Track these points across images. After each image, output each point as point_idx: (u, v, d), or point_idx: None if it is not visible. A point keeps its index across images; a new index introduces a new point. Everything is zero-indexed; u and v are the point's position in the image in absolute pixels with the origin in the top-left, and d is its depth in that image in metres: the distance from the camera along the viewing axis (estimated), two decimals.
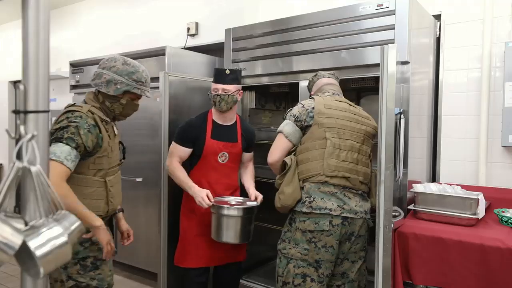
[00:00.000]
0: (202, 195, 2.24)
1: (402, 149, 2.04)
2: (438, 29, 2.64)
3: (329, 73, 2.27)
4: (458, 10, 2.57)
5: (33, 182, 0.80)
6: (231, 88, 2.39)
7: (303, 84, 2.63)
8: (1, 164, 6.17)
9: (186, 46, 3.89)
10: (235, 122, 2.53)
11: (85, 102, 1.80)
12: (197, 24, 3.86)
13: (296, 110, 2.06)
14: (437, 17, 2.64)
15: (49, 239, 0.78)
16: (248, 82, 2.95)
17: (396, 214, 1.93)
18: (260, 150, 3.35)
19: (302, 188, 1.97)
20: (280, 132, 2.08)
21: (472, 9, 2.53)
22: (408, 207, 2.17)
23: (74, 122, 1.64)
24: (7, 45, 6.03)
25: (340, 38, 2.46)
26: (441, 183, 2.30)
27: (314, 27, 2.55)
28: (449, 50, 2.61)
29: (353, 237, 1.96)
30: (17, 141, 0.82)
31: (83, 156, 1.68)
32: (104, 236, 1.69)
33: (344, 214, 1.91)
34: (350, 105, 2.11)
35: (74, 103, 1.78)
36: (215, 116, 2.47)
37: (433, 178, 2.67)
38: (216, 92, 2.39)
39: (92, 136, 1.67)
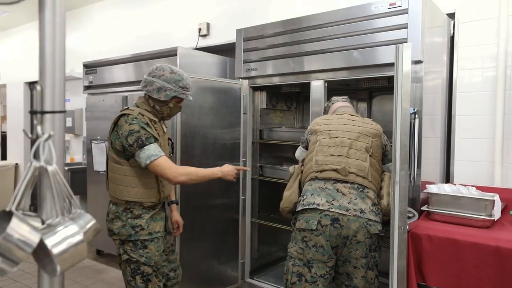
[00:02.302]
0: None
1: (416, 150, 2.02)
2: (452, 28, 2.60)
3: (342, 98, 2.42)
4: (473, 8, 2.53)
5: (49, 181, 0.82)
6: None
7: (315, 84, 2.63)
8: (17, 164, 6.29)
9: (197, 47, 3.91)
10: None
11: (137, 106, 2.07)
12: (208, 24, 3.88)
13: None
14: (451, 15, 2.60)
15: (65, 237, 0.79)
16: (259, 82, 2.96)
17: (410, 215, 1.91)
18: (272, 149, 3.35)
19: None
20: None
21: (487, 7, 2.49)
22: (422, 208, 2.14)
23: (133, 124, 1.92)
24: (23, 46, 6.14)
25: (351, 37, 2.44)
26: (455, 184, 2.26)
27: (326, 26, 2.54)
28: (463, 49, 2.57)
29: (347, 241, 1.88)
30: (34, 141, 0.83)
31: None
32: (227, 174, 2.09)
33: (333, 210, 1.87)
34: (351, 115, 2.20)
35: (128, 107, 2.06)
36: None
37: (447, 179, 2.63)
38: None
39: (151, 130, 1.95)
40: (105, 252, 4.10)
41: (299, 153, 2.34)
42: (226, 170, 2.10)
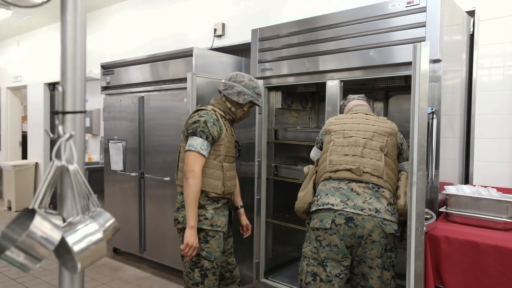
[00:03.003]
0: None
1: (434, 150, 1.98)
2: (471, 26, 2.55)
3: (358, 96, 2.40)
4: (493, 6, 2.47)
5: (70, 180, 0.84)
6: None
7: (330, 83, 2.61)
8: (37, 163, 6.44)
9: (212, 47, 3.93)
10: None
11: (211, 105, 2.27)
12: (223, 25, 3.89)
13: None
14: (471, 13, 2.55)
15: (85, 235, 0.81)
16: (274, 82, 2.95)
17: (428, 216, 1.88)
18: (287, 150, 3.34)
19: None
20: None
21: (508, 4, 2.43)
22: (440, 210, 2.11)
23: (203, 117, 2.11)
24: (43, 48, 6.28)
25: (368, 36, 2.42)
26: (474, 185, 2.22)
27: (342, 26, 2.52)
28: (484, 47, 2.52)
29: (362, 241, 1.85)
30: (55, 140, 0.85)
31: (212, 143, 2.13)
32: (189, 237, 2.03)
33: (347, 209, 1.86)
34: (366, 114, 2.18)
35: (202, 105, 2.27)
36: None
37: (466, 180, 2.58)
38: None
39: (216, 128, 2.12)
40: (121, 250, 4.17)
41: (313, 153, 2.35)
42: (192, 237, 2.04)
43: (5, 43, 7.18)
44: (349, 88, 2.90)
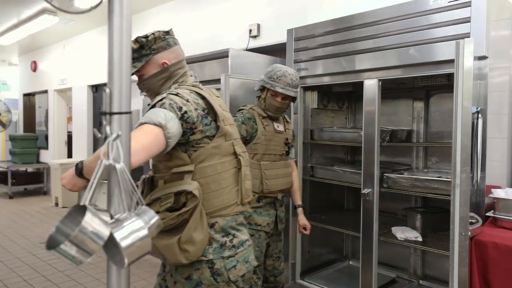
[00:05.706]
0: None
1: (480, 151, 1.89)
2: None
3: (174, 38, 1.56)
4: None
5: (117, 179, 0.87)
6: None
7: (368, 83, 2.55)
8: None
9: (248, 48, 3.95)
10: None
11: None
12: (258, 25, 3.91)
13: (179, 101, 1.35)
14: None
15: (131, 231, 0.84)
16: (310, 82, 2.93)
17: (473, 221, 1.79)
18: (323, 150, 3.30)
19: (212, 226, 1.38)
20: (156, 124, 1.24)
21: None
22: (487, 214, 2.01)
23: (237, 116, 2.11)
24: (86, 52, 6.58)
25: (408, 34, 2.34)
26: None
27: (380, 23, 2.46)
28: None
29: None
30: (99, 140, 0.89)
31: (245, 142, 2.04)
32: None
33: None
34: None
35: (245, 105, 2.27)
36: None
37: None
38: None
39: (246, 126, 2.08)
40: None
41: (176, 130, 1.32)
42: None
43: (52, 48, 7.59)
44: (387, 87, 2.82)
